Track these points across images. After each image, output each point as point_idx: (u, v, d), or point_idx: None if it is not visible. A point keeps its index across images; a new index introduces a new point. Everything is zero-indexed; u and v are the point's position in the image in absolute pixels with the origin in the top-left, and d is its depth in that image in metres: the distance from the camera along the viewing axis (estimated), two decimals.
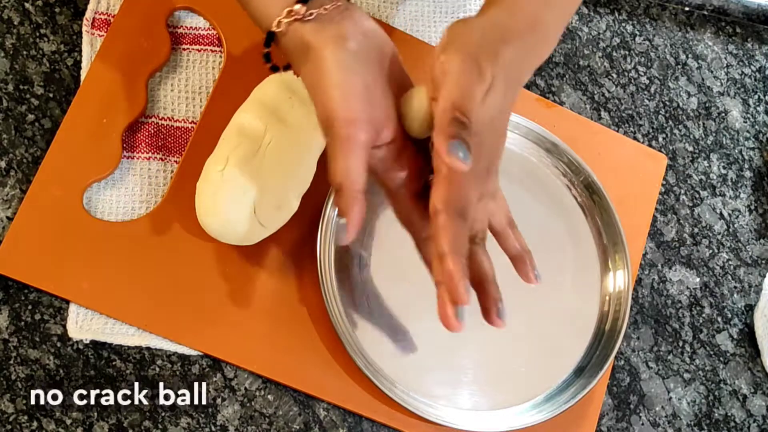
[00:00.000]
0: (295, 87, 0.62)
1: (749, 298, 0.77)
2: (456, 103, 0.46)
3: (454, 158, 0.45)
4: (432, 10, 0.75)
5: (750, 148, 0.81)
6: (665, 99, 0.80)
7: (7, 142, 0.63)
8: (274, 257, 0.64)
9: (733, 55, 0.84)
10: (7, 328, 0.60)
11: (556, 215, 0.72)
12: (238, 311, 0.62)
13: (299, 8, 0.48)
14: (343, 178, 0.48)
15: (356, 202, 0.48)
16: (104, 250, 0.61)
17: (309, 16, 0.48)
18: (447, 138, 0.45)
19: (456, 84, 0.46)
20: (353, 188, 0.48)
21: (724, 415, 0.74)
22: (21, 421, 0.58)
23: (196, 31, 0.68)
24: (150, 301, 0.61)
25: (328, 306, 0.62)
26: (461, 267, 0.47)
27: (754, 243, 0.79)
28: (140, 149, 0.65)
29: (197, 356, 0.62)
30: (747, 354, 0.75)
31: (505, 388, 0.67)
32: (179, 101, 0.67)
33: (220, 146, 0.61)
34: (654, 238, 0.76)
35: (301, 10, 0.48)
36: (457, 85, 0.46)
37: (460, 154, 0.45)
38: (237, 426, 0.62)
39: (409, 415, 0.63)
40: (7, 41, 0.64)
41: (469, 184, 0.48)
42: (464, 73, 0.46)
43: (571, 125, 0.74)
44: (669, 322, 0.74)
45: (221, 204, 0.58)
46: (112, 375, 0.60)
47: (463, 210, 0.47)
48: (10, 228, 0.60)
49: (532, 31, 0.49)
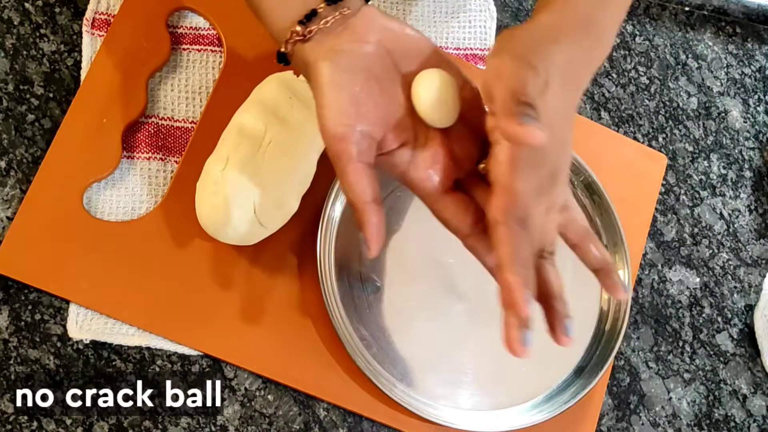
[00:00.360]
0: (295, 87, 0.62)
1: (749, 298, 0.77)
2: (515, 89, 0.43)
3: (528, 127, 0.41)
4: (432, 10, 0.75)
5: (750, 148, 0.81)
6: (665, 99, 0.80)
7: (7, 142, 0.63)
8: (274, 257, 0.64)
9: (733, 55, 0.84)
10: (7, 328, 0.59)
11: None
12: (238, 311, 0.62)
13: (299, 29, 0.48)
14: (349, 193, 0.47)
15: (369, 214, 0.47)
16: (104, 250, 0.61)
17: (309, 35, 0.48)
18: (516, 116, 0.42)
19: (512, 80, 0.44)
20: (361, 201, 0.47)
21: (724, 415, 0.74)
22: (21, 421, 0.58)
23: (196, 31, 0.68)
24: (150, 301, 0.61)
25: (328, 306, 0.62)
26: (522, 279, 0.44)
27: (754, 243, 0.79)
28: (140, 149, 0.65)
29: (197, 356, 0.62)
30: (747, 354, 0.75)
31: (505, 388, 0.67)
32: (179, 101, 0.67)
33: (220, 146, 0.61)
34: (654, 238, 0.76)
35: (301, 30, 0.48)
36: (514, 81, 0.44)
37: (535, 125, 0.42)
38: (237, 426, 0.62)
39: (409, 415, 0.63)
40: (7, 41, 0.64)
41: (529, 192, 0.45)
42: (519, 71, 0.44)
43: None
44: (669, 322, 0.74)
45: (221, 204, 0.58)
46: (112, 375, 0.60)
47: (524, 220, 0.45)
48: (10, 228, 0.60)
49: (585, 31, 0.48)
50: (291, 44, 0.49)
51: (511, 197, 0.45)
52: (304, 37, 0.48)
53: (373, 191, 0.48)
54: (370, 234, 0.47)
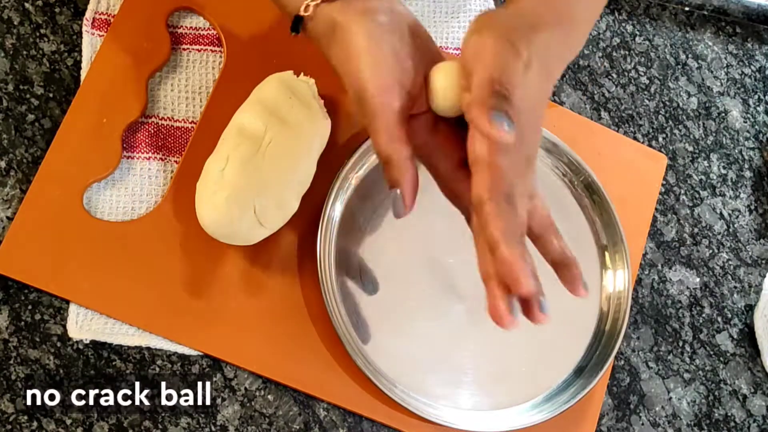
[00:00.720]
0: (295, 87, 0.63)
1: (749, 298, 0.77)
2: (495, 77, 0.43)
3: (497, 128, 0.42)
4: (432, 10, 0.75)
5: (750, 148, 0.81)
6: (665, 99, 0.80)
7: (7, 142, 0.63)
8: (274, 257, 0.64)
9: (733, 55, 0.84)
10: (7, 328, 0.60)
11: (556, 215, 0.72)
12: (237, 311, 0.62)
13: None
14: (388, 148, 0.46)
15: (407, 170, 0.46)
16: (104, 250, 0.61)
17: None
18: (488, 110, 0.42)
19: (493, 59, 0.43)
20: (401, 157, 0.46)
21: (724, 415, 0.74)
22: (21, 421, 0.58)
23: (196, 31, 0.68)
24: (150, 301, 0.61)
25: (328, 306, 0.62)
26: (520, 253, 0.42)
27: (754, 243, 0.79)
28: (140, 149, 0.65)
29: (197, 356, 0.62)
30: (747, 354, 0.75)
31: (505, 388, 0.67)
32: (179, 101, 0.67)
33: (220, 146, 0.61)
34: (654, 238, 0.76)
35: None
36: (495, 60, 0.43)
37: (505, 125, 0.42)
38: (237, 426, 0.62)
39: (409, 415, 0.63)
40: (7, 41, 0.64)
41: (509, 166, 0.44)
42: (501, 49, 0.44)
43: (571, 125, 0.74)
44: (669, 322, 0.74)
45: (221, 204, 0.58)
46: (112, 375, 0.60)
47: (511, 196, 0.43)
48: (10, 228, 0.60)
49: (561, 23, 0.48)
50: (314, 6, 0.48)
51: (495, 173, 0.43)
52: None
53: (410, 148, 0.47)
54: (407, 191, 0.47)
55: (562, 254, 0.49)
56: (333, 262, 0.65)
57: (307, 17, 0.49)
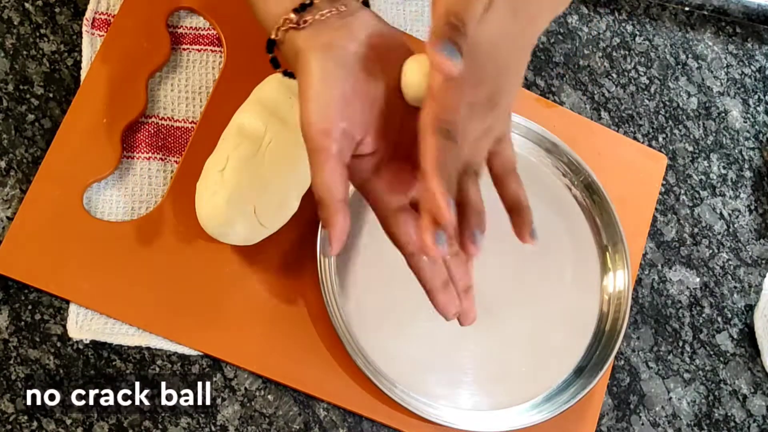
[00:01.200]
0: (295, 87, 0.62)
1: (749, 298, 0.77)
2: (451, 9, 0.43)
3: (442, 56, 0.41)
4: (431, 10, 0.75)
5: (750, 148, 0.81)
6: (665, 99, 0.80)
7: (7, 142, 0.63)
8: (274, 257, 0.64)
9: (733, 55, 0.84)
10: (7, 328, 0.60)
11: (556, 215, 0.72)
12: (238, 311, 0.63)
13: (293, 17, 0.48)
14: (321, 189, 0.47)
15: (337, 213, 0.47)
16: (104, 250, 0.61)
17: (304, 24, 0.48)
18: (438, 39, 0.42)
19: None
20: (332, 199, 0.47)
21: (724, 415, 0.74)
22: (21, 421, 0.58)
23: (196, 31, 0.68)
24: (150, 301, 0.61)
25: (328, 306, 0.62)
26: (444, 184, 0.43)
27: (754, 243, 0.79)
28: (140, 149, 0.65)
29: (197, 356, 0.62)
30: (747, 354, 0.75)
31: (505, 388, 0.67)
32: (179, 101, 0.67)
33: (220, 146, 0.61)
34: (654, 238, 0.76)
35: (295, 18, 0.48)
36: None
37: (451, 55, 0.41)
38: (237, 426, 0.62)
39: (409, 415, 0.63)
40: (7, 41, 0.64)
41: (461, 105, 0.44)
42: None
43: (571, 125, 0.74)
44: (669, 322, 0.74)
45: (221, 204, 0.58)
46: (112, 375, 0.60)
47: (451, 131, 0.44)
48: (10, 228, 0.60)
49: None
50: (283, 31, 0.49)
51: (441, 105, 0.44)
52: (297, 25, 0.48)
53: (345, 191, 0.47)
54: (335, 234, 0.47)
55: (516, 199, 0.50)
56: (333, 263, 0.65)
57: (278, 41, 0.50)
